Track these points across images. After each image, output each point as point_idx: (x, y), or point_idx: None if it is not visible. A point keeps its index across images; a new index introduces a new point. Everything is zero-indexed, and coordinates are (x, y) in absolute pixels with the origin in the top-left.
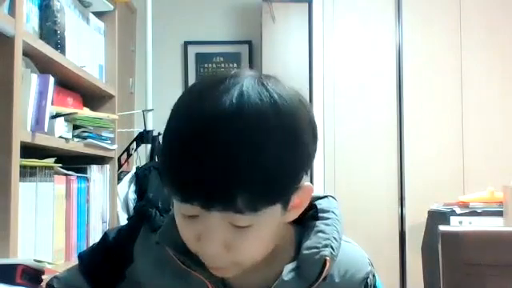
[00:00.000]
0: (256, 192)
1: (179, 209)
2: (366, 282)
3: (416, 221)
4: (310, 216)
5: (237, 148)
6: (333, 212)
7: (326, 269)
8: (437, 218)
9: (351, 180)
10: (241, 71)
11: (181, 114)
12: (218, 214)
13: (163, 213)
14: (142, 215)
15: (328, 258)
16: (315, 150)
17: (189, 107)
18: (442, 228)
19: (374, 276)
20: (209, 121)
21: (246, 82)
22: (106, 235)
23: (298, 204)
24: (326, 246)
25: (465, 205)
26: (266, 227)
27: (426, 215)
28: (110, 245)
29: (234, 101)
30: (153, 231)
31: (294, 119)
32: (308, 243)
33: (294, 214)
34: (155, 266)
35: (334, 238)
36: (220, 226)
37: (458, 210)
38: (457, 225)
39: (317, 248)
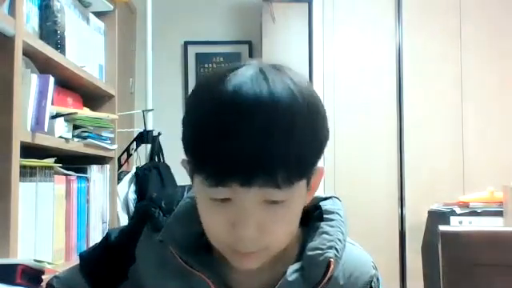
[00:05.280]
0: (292, 166)
1: (208, 195)
2: (371, 285)
3: (416, 221)
4: (315, 217)
5: (275, 123)
6: (337, 213)
7: (330, 270)
8: (437, 218)
9: (351, 180)
10: (248, 62)
11: (211, 95)
12: (254, 192)
13: (166, 213)
14: (145, 214)
15: (332, 260)
16: (329, 132)
17: (219, 87)
18: (442, 228)
19: (377, 280)
20: (246, 98)
21: (263, 69)
22: (107, 235)
23: (313, 186)
24: (330, 247)
25: (465, 205)
26: (296, 204)
27: (426, 215)
28: (112, 244)
29: (264, 81)
30: (155, 231)
31: (314, 99)
32: (312, 244)
33: (309, 197)
34: (157, 266)
35: (339, 240)
36: (255, 204)
37: (458, 210)
38: (457, 225)
39: (321, 249)
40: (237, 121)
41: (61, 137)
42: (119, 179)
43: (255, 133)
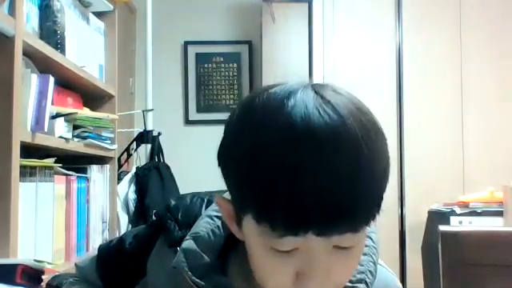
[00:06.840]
0: (373, 206)
1: (270, 245)
2: None
3: (416, 221)
4: None
5: (356, 158)
6: (370, 237)
7: None
8: (437, 218)
9: None
10: (295, 82)
11: (274, 127)
12: (330, 240)
13: (182, 227)
14: (160, 226)
15: None
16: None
17: (282, 117)
18: (442, 228)
19: None
20: (320, 132)
21: (319, 91)
22: (122, 239)
23: None
24: (360, 280)
25: (465, 205)
26: (362, 246)
27: (426, 215)
28: (125, 251)
29: (332, 111)
30: (169, 245)
31: (375, 118)
32: None
33: None
34: (167, 285)
35: (370, 272)
36: (325, 252)
37: (458, 210)
38: (457, 225)
39: (350, 282)
40: (313, 159)
41: (61, 137)
42: (119, 179)
43: (335, 172)
